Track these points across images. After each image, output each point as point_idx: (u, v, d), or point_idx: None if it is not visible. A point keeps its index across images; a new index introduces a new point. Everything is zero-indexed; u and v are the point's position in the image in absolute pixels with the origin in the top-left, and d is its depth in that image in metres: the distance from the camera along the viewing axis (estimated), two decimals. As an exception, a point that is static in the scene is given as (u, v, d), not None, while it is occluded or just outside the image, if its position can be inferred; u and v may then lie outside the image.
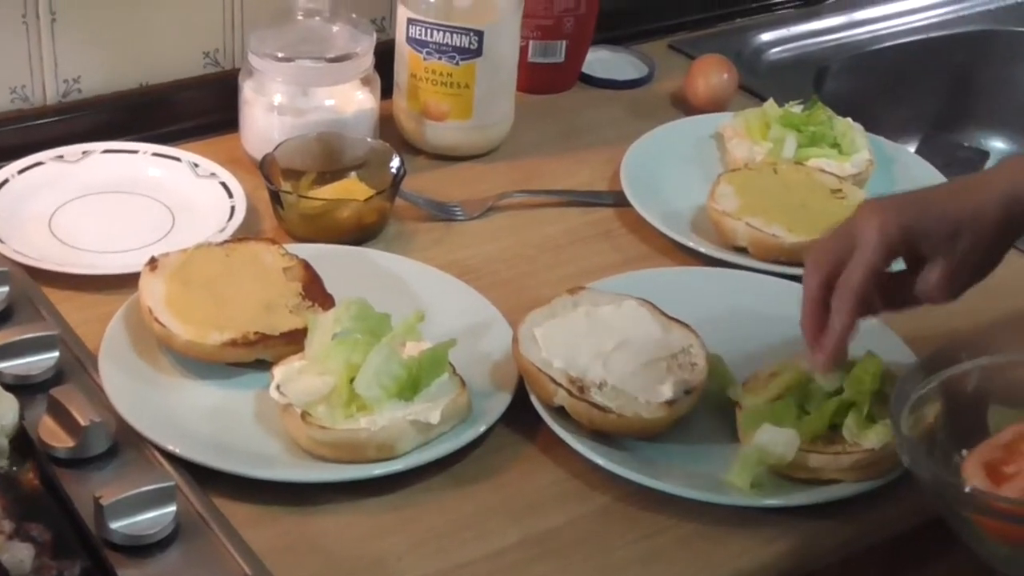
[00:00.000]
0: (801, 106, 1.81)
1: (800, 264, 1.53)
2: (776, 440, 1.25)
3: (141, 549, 1.13)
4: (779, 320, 1.48)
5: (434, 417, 1.26)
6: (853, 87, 2.21)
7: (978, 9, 2.36)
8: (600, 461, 1.27)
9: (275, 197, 1.57)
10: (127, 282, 1.43)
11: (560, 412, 1.30)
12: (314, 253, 1.48)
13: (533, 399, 1.32)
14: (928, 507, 1.29)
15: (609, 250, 1.62)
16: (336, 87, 1.69)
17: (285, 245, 1.48)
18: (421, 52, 1.71)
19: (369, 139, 1.68)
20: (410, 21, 1.70)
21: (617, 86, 1.99)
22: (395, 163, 1.62)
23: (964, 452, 1.17)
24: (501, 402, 1.33)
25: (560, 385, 1.29)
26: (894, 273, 1.27)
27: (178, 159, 1.67)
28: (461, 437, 1.29)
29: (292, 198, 1.56)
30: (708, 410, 1.35)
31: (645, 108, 1.91)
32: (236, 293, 1.40)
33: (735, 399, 1.34)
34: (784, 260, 1.56)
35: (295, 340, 1.34)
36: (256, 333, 1.34)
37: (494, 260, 1.58)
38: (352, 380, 1.26)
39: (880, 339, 1.43)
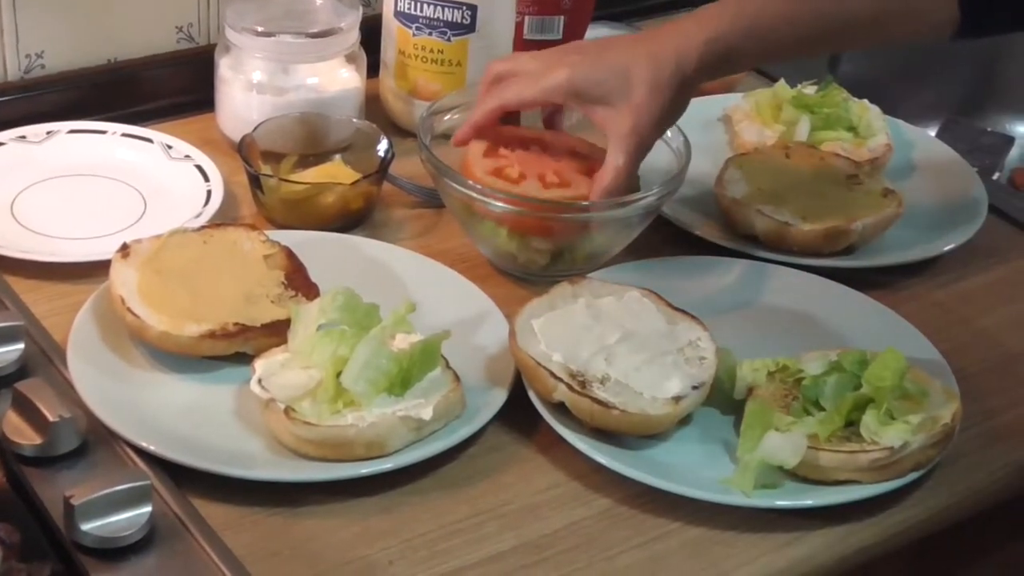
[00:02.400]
0: (815, 87, 1.83)
1: (815, 253, 1.56)
2: (781, 446, 1.27)
3: (114, 552, 1.14)
4: (791, 312, 1.50)
5: (426, 413, 1.27)
6: (870, 67, 2.23)
7: (1004, -15, 2.38)
8: (602, 460, 1.28)
9: (255, 181, 1.58)
10: (97, 270, 1.45)
11: (560, 409, 1.32)
12: (297, 240, 1.49)
13: (531, 395, 1.34)
14: (955, 510, 1.31)
15: (611, 238, 1.63)
16: (319, 64, 1.70)
17: (266, 232, 1.49)
18: (410, 27, 1.72)
19: (354, 120, 1.69)
20: (398, -6, 1.72)
21: (618, 65, 2.00)
22: (382, 146, 1.63)
23: None
24: (497, 398, 1.34)
25: (560, 380, 1.30)
26: None
27: (150, 140, 1.69)
28: (454, 435, 1.30)
29: (273, 182, 1.57)
30: (717, 406, 1.36)
31: (648, 88, 1.91)
32: (214, 282, 1.41)
33: (738, 398, 1.36)
34: (796, 249, 1.58)
35: (277, 332, 1.35)
36: (236, 324, 1.35)
37: (488, 249, 1.59)
38: (339, 374, 1.27)
39: (902, 335, 1.45)
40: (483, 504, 1.27)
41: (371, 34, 1.75)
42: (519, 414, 1.34)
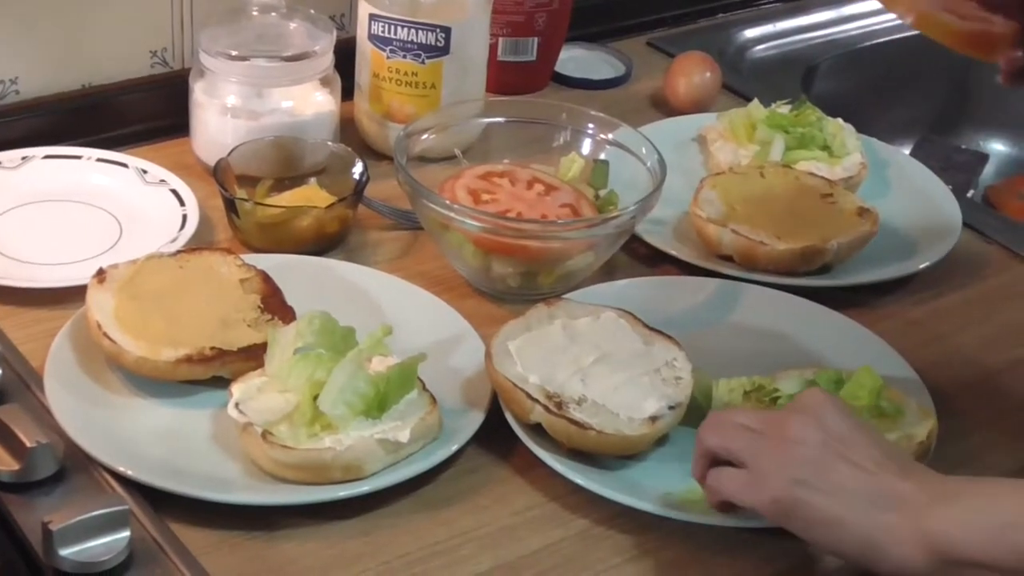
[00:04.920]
0: (789, 106, 1.85)
1: (790, 273, 1.57)
2: None
3: (93, 577, 1.15)
4: (767, 331, 1.51)
5: (403, 436, 1.28)
6: (843, 86, 2.25)
7: (976, 3, 2.40)
8: (579, 481, 1.29)
9: (230, 205, 1.59)
10: (73, 296, 1.45)
11: (537, 430, 1.33)
12: (273, 264, 1.50)
13: (508, 416, 1.35)
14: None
15: (586, 260, 1.64)
16: (293, 88, 1.71)
17: (242, 255, 1.50)
18: (384, 50, 1.73)
19: (329, 143, 1.70)
20: (372, 17, 1.73)
21: (592, 86, 2.02)
22: (357, 169, 1.64)
23: None
24: (474, 420, 1.35)
25: (537, 401, 1.32)
26: None
27: (125, 165, 1.69)
28: (432, 457, 1.31)
29: (248, 206, 1.58)
30: (693, 426, 1.36)
31: (622, 109, 1.92)
32: (190, 306, 1.41)
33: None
34: (772, 269, 1.59)
35: (254, 356, 1.36)
36: (212, 349, 1.36)
37: (464, 271, 1.61)
38: (316, 398, 1.28)
39: (877, 353, 1.46)
40: (460, 526, 1.28)
41: (345, 57, 1.76)
42: (496, 436, 1.35)
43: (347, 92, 1.78)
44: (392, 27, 1.72)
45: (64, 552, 1.14)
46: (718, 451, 1.23)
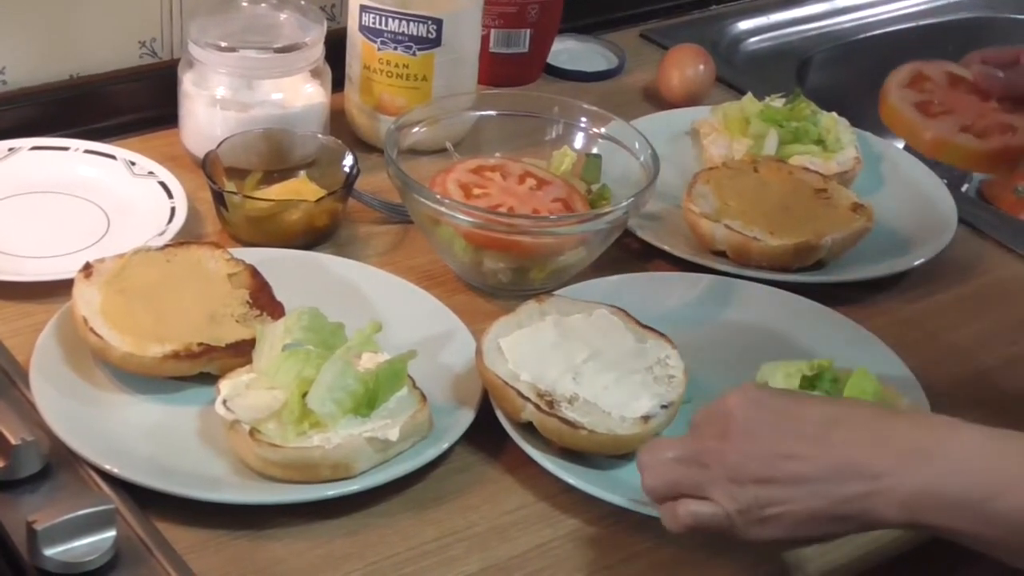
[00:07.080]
0: (783, 100, 1.83)
1: (783, 269, 1.56)
2: None
3: (78, 577, 1.14)
4: (760, 328, 1.50)
5: (392, 434, 1.27)
6: (838, 79, 2.24)
7: (971, -5, 2.40)
8: (571, 481, 1.28)
9: (219, 198, 1.58)
10: (59, 290, 1.44)
11: (528, 429, 1.32)
12: (262, 258, 1.48)
13: (499, 415, 1.34)
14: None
15: (578, 254, 1.63)
16: (283, 79, 1.69)
17: (230, 249, 1.48)
18: (375, 42, 1.72)
19: (319, 135, 1.69)
20: (363, 8, 1.72)
21: (585, 78, 2.01)
22: (348, 161, 1.63)
23: None
24: (464, 418, 1.34)
25: (528, 400, 1.30)
26: None
27: (113, 157, 1.68)
28: (421, 456, 1.30)
29: (237, 199, 1.57)
30: (687, 425, 1.36)
31: (615, 102, 1.92)
32: (178, 301, 1.40)
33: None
34: (765, 265, 1.58)
35: (242, 352, 1.35)
36: (200, 344, 1.35)
37: (455, 266, 1.59)
38: (304, 395, 1.27)
39: (871, 351, 1.45)
40: (450, 526, 1.27)
41: (336, 49, 1.75)
42: (486, 434, 1.34)
43: (337, 84, 1.77)
44: (383, 18, 1.71)
45: (48, 552, 1.13)
46: (665, 493, 1.18)
